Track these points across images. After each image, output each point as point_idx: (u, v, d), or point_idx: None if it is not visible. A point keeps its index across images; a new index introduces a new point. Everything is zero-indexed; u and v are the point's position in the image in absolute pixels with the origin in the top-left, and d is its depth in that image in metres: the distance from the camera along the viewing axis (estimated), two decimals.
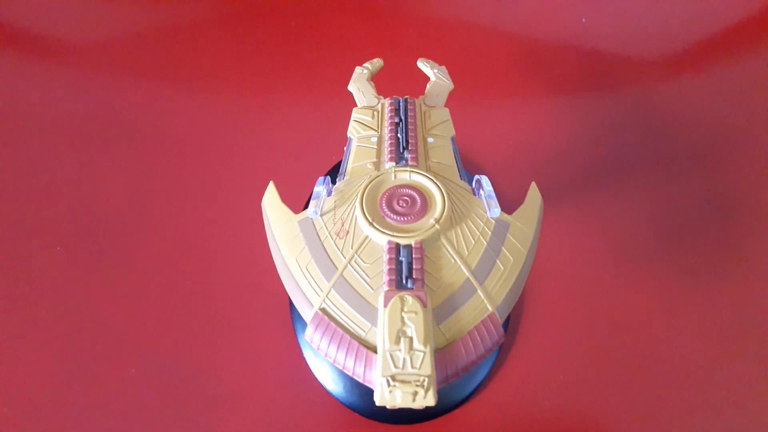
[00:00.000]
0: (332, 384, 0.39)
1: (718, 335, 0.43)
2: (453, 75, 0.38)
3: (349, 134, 0.34)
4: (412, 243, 0.26)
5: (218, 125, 0.54)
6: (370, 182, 0.29)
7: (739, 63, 0.61)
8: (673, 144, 0.54)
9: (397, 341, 0.23)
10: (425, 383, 0.22)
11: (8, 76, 0.57)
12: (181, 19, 0.63)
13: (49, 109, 0.55)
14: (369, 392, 0.38)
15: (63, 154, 0.52)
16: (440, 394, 0.26)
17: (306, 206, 0.44)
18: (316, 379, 0.40)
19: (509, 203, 0.30)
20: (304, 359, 0.40)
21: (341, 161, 0.34)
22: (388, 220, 0.28)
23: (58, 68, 0.58)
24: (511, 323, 0.43)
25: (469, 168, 0.50)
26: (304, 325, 0.41)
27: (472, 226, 0.28)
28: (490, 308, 0.25)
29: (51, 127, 0.53)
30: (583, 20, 0.64)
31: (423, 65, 0.39)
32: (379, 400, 0.23)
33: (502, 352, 0.42)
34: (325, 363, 0.39)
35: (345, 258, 0.27)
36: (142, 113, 0.55)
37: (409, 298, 0.24)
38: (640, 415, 0.40)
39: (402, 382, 0.22)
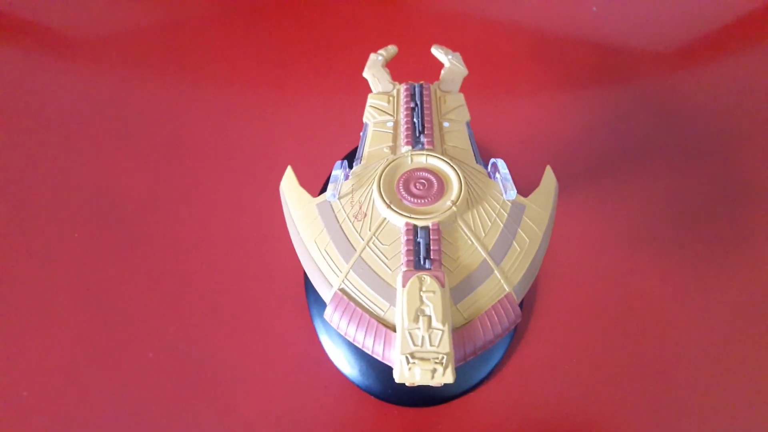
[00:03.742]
0: (348, 367, 0.39)
1: (731, 321, 0.43)
2: (466, 64, 0.38)
3: (365, 119, 0.34)
4: (430, 224, 0.26)
5: (234, 114, 0.55)
6: (387, 166, 0.29)
7: (753, 53, 0.60)
8: (685, 133, 0.54)
9: (416, 320, 0.23)
10: (444, 360, 0.22)
11: (22, 70, 0.58)
12: (193, 11, 0.63)
13: (63, 102, 0.55)
14: (384, 375, 0.39)
15: (78, 144, 0.52)
16: (455, 377, 0.26)
17: (322, 191, 0.44)
18: (331, 363, 0.40)
19: (524, 188, 0.30)
20: (320, 343, 0.41)
21: (357, 147, 0.35)
22: (405, 202, 0.28)
23: (70, 62, 0.58)
24: (525, 308, 0.43)
25: (483, 155, 0.50)
26: (320, 309, 0.41)
27: (489, 208, 0.28)
28: (507, 288, 0.26)
29: (66, 119, 0.54)
30: (594, 9, 0.64)
31: (437, 51, 0.39)
32: (398, 377, 0.23)
33: (516, 336, 0.42)
34: (341, 347, 0.40)
35: (363, 240, 0.27)
36: (157, 104, 0.55)
37: (427, 278, 0.24)
38: (654, 398, 0.40)
39: (421, 359, 0.23)
